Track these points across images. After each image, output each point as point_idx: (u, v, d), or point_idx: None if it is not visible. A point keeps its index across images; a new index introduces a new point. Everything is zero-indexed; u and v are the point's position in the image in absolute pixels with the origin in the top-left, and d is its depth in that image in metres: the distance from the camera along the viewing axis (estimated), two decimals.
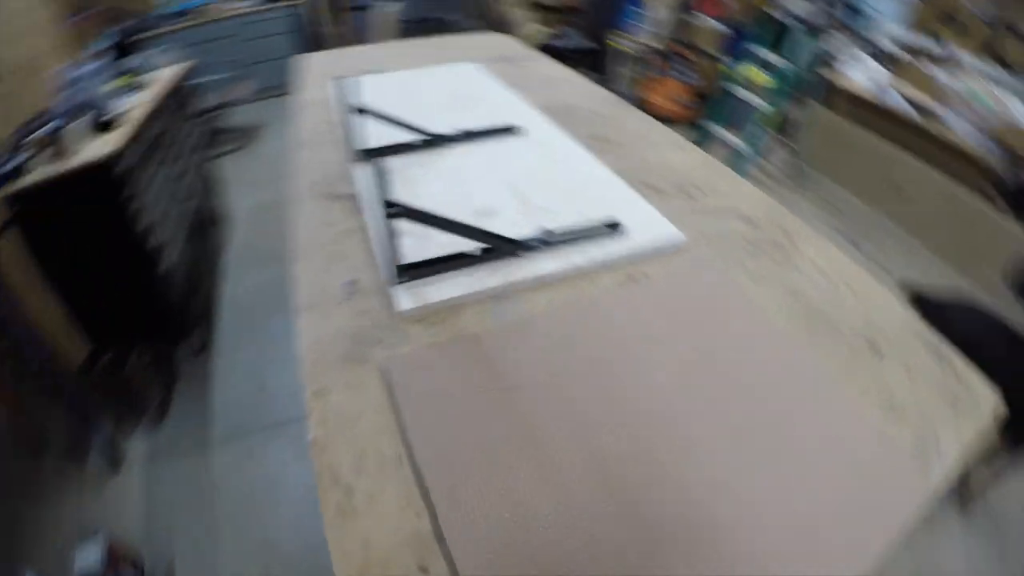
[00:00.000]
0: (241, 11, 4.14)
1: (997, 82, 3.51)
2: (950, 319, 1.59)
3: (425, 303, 0.91)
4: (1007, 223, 3.20)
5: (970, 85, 3.34)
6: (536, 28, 4.21)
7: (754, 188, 1.44)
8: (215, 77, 3.79)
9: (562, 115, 1.73)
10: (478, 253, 0.99)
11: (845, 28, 4.38)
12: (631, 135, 1.66)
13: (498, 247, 1.00)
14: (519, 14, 4.53)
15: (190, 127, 2.70)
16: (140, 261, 1.95)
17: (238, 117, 4.01)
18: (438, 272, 0.97)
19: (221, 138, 3.80)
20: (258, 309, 2.50)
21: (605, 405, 0.76)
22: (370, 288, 0.98)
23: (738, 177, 1.50)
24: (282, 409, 2.04)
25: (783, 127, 4.14)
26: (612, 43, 4.41)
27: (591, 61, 4.06)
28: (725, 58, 4.63)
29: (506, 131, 1.54)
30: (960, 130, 3.29)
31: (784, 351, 0.88)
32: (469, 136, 1.49)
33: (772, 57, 3.49)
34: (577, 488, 0.65)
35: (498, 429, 0.72)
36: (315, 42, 4.27)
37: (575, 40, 4.17)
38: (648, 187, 1.38)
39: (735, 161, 3.79)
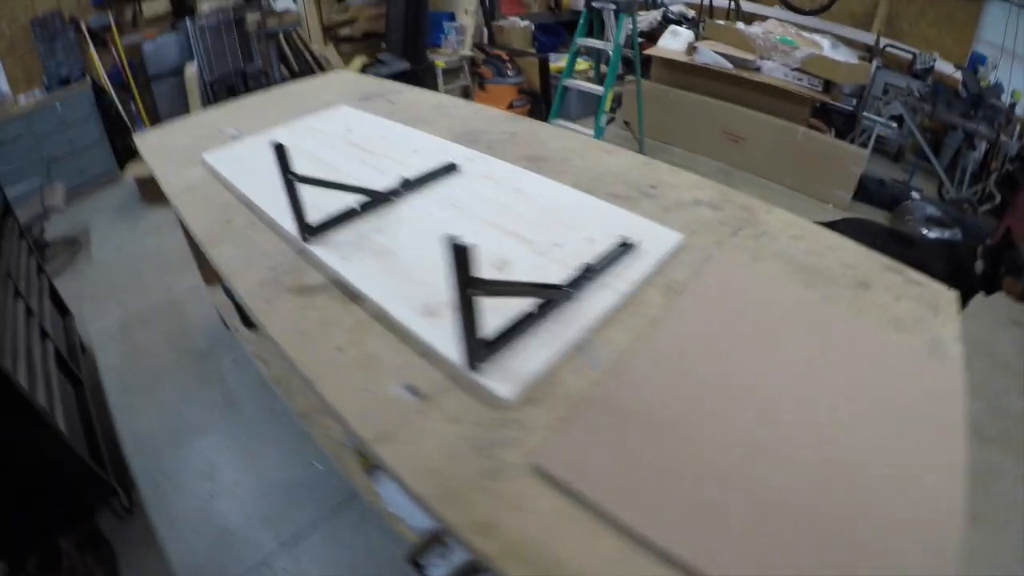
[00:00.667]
0: (27, 106, 3.47)
1: (794, 24, 3.97)
2: (844, 232, 1.79)
3: (525, 382, 0.80)
4: (840, 145, 3.65)
5: (772, 30, 3.74)
6: (356, 60, 4.02)
7: (692, 174, 1.49)
8: (19, 186, 3.17)
9: (477, 142, 1.66)
10: (535, 310, 0.89)
11: (649, 2, 4.72)
12: (556, 149, 1.64)
13: (556, 298, 0.91)
14: (326, 50, 4.31)
15: (17, 250, 2.23)
16: (30, 428, 1.56)
17: (58, 226, 3.38)
18: (509, 342, 0.85)
19: (47, 255, 3.20)
20: (169, 439, 2.12)
21: (741, 410, 0.77)
22: (436, 385, 0.84)
23: (673, 167, 1.54)
24: (257, 545, 1.74)
25: (612, 104, 4.36)
26: (432, 61, 4.36)
27: (411, 83, 3.97)
28: (544, 53, 4.79)
29: (447, 170, 1.43)
30: (774, 72, 3.68)
31: (816, 310, 0.96)
32: (412, 184, 1.36)
33: (591, 42, 3.65)
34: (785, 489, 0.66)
35: (690, 475, 0.68)
36: (120, 122, 3.73)
37: (393, 65, 4.05)
38: (613, 196, 1.36)
39: None
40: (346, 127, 1.77)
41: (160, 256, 3.19)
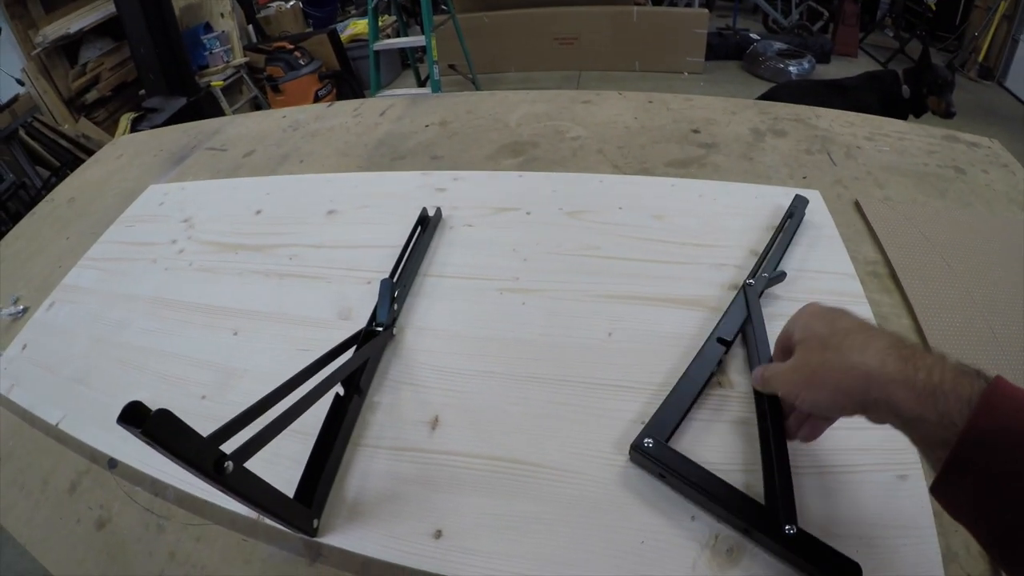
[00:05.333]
0: None
1: None
2: (784, 100, 1.51)
3: None
4: (678, 12, 3.30)
5: None
6: (122, 121, 2.92)
7: (712, 98, 1.10)
8: None
9: (404, 156, 1.03)
10: None
11: None
12: (519, 123, 1.05)
13: None
14: (80, 127, 3.12)
15: None
16: None
17: None
18: None
19: None
20: None
21: None
22: None
23: (687, 96, 1.10)
24: None
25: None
26: (208, 84, 3.37)
27: (191, 113, 2.99)
28: (324, 27, 3.95)
29: (428, 229, 0.82)
30: None
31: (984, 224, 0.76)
32: (395, 283, 0.73)
33: None
34: None
35: None
36: None
37: (167, 107, 3.05)
38: (673, 166, 0.93)
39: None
40: (180, 218, 1.00)
41: None
